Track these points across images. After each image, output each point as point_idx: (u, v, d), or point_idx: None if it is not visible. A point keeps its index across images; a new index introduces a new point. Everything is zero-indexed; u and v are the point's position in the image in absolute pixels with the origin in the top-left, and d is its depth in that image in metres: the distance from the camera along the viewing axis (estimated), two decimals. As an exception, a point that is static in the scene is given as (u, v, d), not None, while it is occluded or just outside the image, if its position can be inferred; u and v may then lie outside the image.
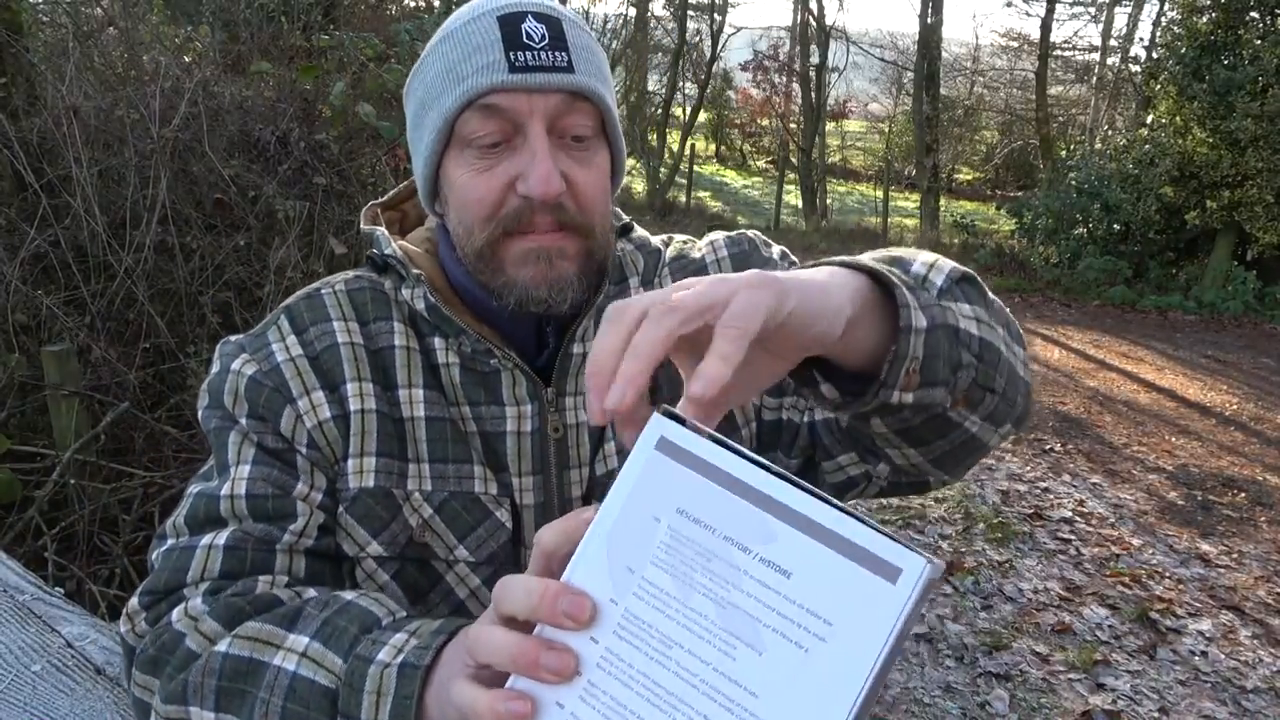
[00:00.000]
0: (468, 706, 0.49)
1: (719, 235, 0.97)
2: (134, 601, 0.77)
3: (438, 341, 0.86)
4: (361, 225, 0.93)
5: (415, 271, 0.84)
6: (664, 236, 1.01)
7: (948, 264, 0.74)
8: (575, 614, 0.45)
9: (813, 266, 0.63)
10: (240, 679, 0.68)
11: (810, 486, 0.43)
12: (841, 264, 0.62)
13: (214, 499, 0.79)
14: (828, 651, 0.40)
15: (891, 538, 0.40)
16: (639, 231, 0.98)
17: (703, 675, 0.42)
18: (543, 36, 0.76)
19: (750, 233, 0.98)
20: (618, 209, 0.96)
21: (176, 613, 0.74)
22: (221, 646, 0.70)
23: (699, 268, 0.94)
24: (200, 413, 0.86)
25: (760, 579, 0.42)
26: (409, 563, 0.83)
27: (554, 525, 0.50)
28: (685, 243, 0.99)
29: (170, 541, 0.79)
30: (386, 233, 0.90)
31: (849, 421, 0.76)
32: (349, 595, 0.73)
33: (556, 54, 0.76)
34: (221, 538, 0.77)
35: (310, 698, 0.65)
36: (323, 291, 0.89)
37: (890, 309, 0.62)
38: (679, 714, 0.42)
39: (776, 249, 0.97)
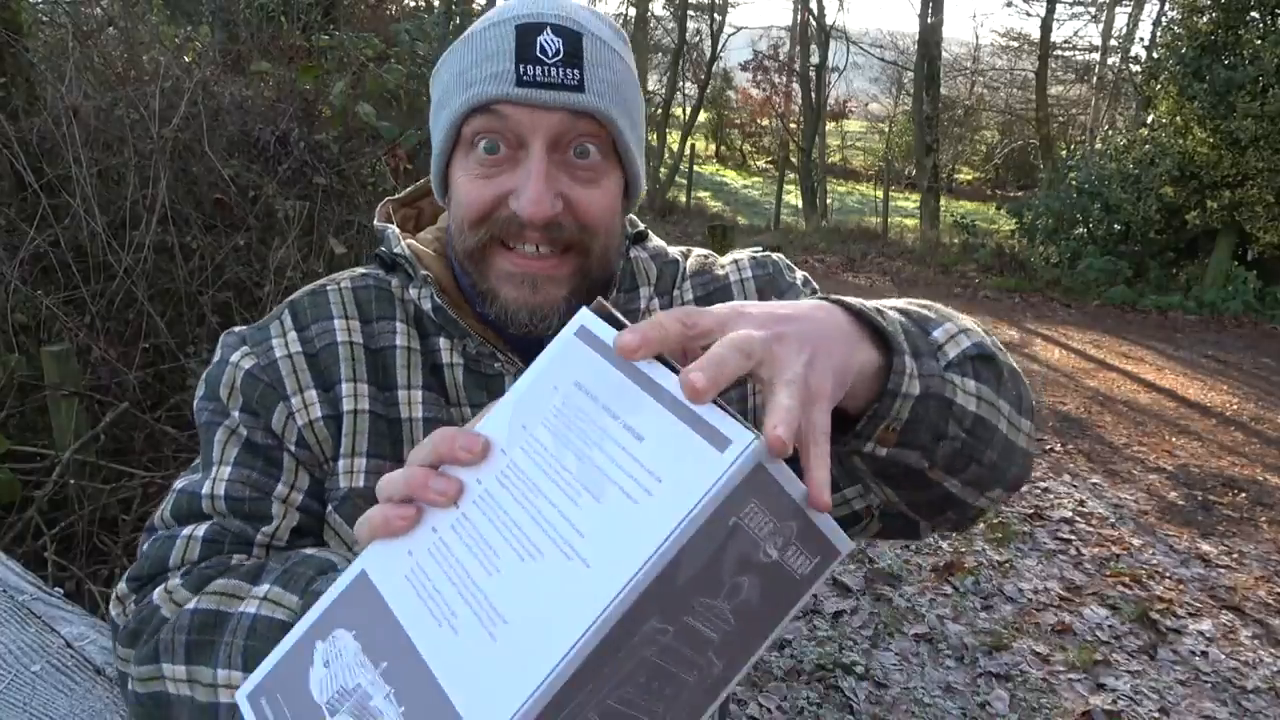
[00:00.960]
0: (361, 519, 0.54)
1: (743, 255, 0.96)
2: (122, 586, 0.81)
3: (442, 341, 0.86)
4: (375, 221, 0.93)
5: (423, 272, 0.84)
6: (682, 249, 0.99)
7: (972, 338, 0.72)
8: (469, 446, 0.52)
9: (835, 302, 0.62)
10: (208, 630, 0.72)
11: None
12: (859, 312, 0.62)
13: (196, 496, 0.82)
14: (651, 504, 0.44)
15: (735, 417, 0.45)
16: (655, 241, 0.97)
17: (548, 515, 0.47)
18: (557, 51, 0.74)
19: (775, 256, 0.97)
20: (633, 216, 0.95)
21: (158, 592, 0.77)
22: (190, 605, 0.74)
23: (722, 286, 0.93)
24: (195, 403, 0.87)
25: (619, 441, 0.47)
26: None
27: (419, 444, 0.56)
28: (706, 257, 0.98)
29: (158, 534, 0.83)
30: (397, 230, 0.90)
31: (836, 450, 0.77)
32: (311, 550, 0.76)
33: (568, 71, 0.74)
34: (201, 530, 0.80)
35: (268, 633, 0.69)
36: (328, 288, 0.89)
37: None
38: (519, 546, 0.47)
39: (799, 274, 0.96)
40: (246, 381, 0.83)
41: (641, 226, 0.95)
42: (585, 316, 0.53)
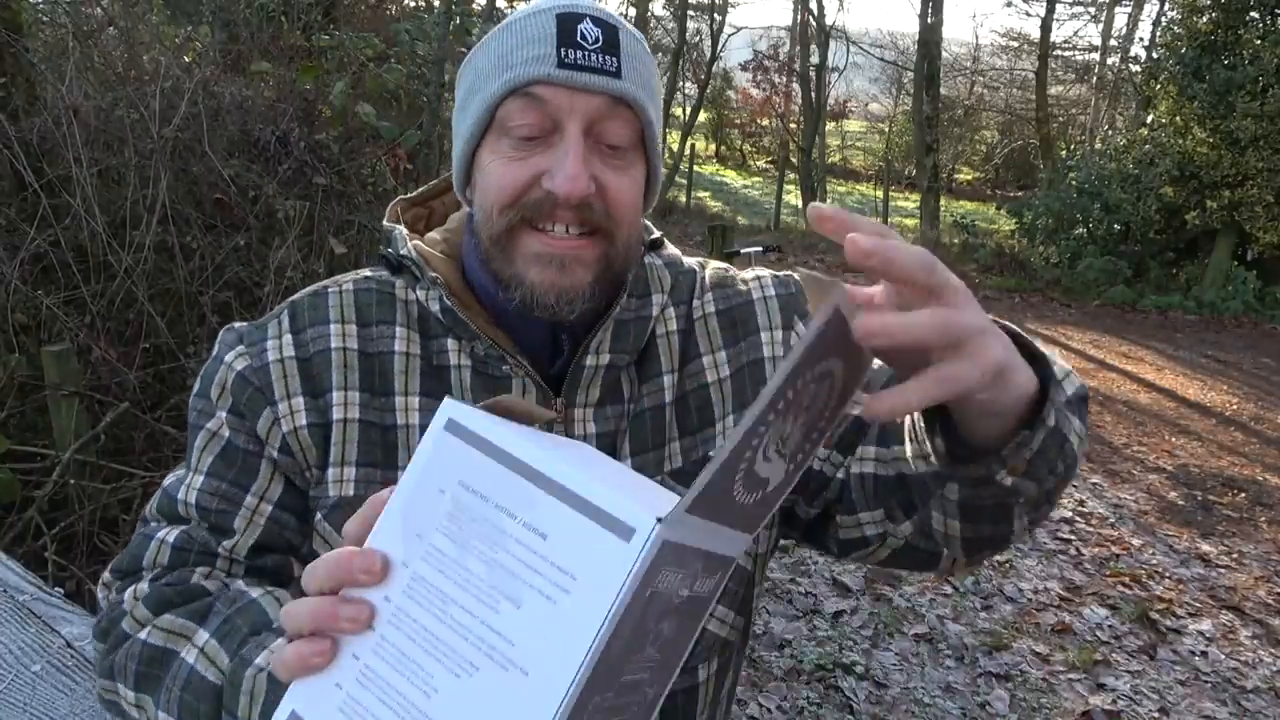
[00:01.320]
0: (276, 660, 0.53)
1: (765, 273, 0.97)
2: (107, 574, 0.86)
3: (450, 343, 0.86)
4: (385, 220, 0.93)
5: (431, 274, 0.85)
6: (698, 260, 1.00)
7: (1077, 379, 0.75)
8: (368, 568, 0.50)
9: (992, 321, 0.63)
10: (155, 665, 0.75)
11: (570, 449, 0.47)
12: (1015, 334, 0.63)
13: (174, 499, 0.85)
14: (570, 602, 0.44)
15: (626, 489, 0.45)
16: (671, 249, 0.97)
17: (471, 627, 0.47)
18: (596, 39, 0.77)
19: (800, 274, 0.96)
20: (648, 222, 0.95)
21: (129, 592, 0.81)
22: (143, 635, 0.77)
23: (745, 302, 0.94)
24: (189, 398, 0.89)
25: (522, 541, 0.46)
26: None
27: (355, 515, 0.55)
28: (725, 270, 0.98)
29: (147, 526, 0.86)
30: (405, 231, 0.89)
31: (922, 474, 0.75)
32: (255, 593, 0.78)
33: (607, 58, 0.77)
34: (172, 536, 0.83)
35: (201, 692, 0.72)
36: (329, 290, 0.89)
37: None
38: (451, 662, 0.47)
39: None
40: (237, 383, 0.84)
41: (657, 234, 0.95)
42: (451, 408, 0.52)
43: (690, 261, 0.98)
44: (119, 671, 0.77)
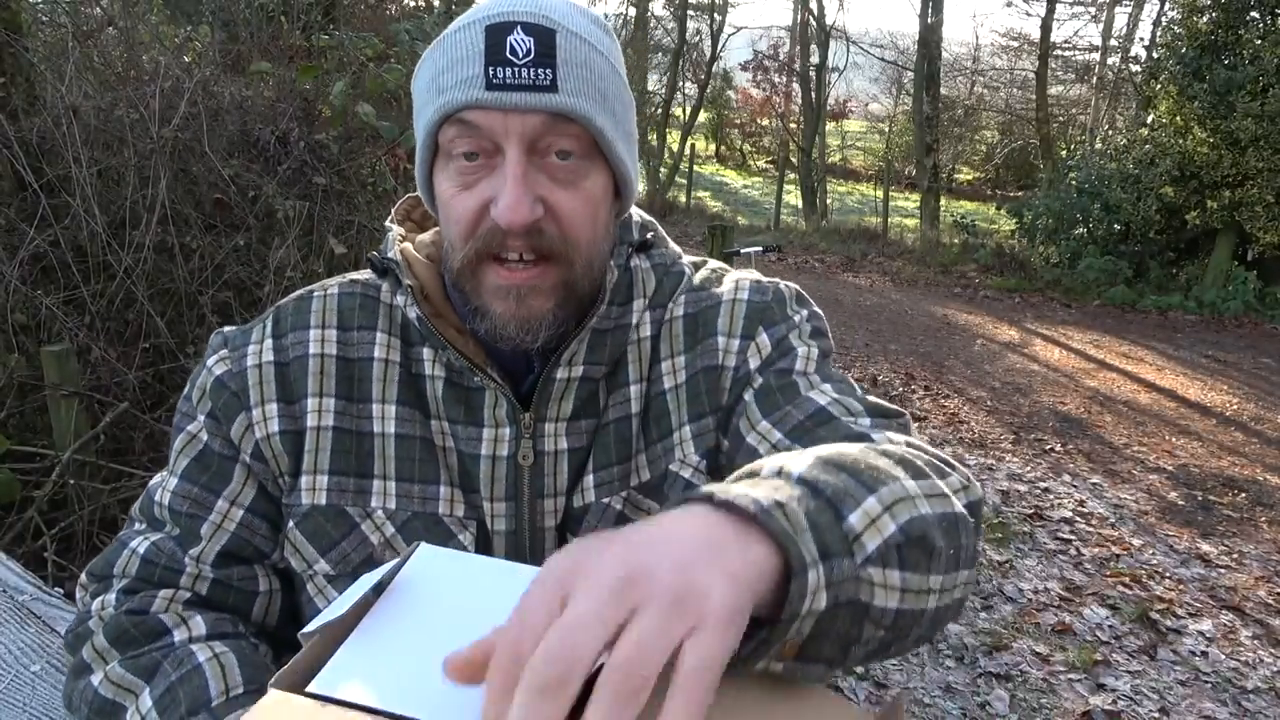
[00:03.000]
0: None
1: (747, 276, 0.92)
2: (84, 575, 0.88)
3: (426, 352, 0.85)
4: (387, 221, 0.92)
5: (407, 282, 0.83)
6: (698, 259, 0.96)
7: (901, 517, 0.55)
8: None
9: (721, 503, 0.47)
10: (103, 715, 0.79)
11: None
12: (752, 515, 0.47)
13: (152, 501, 0.87)
14: None
15: None
16: (664, 249, 0.92)
17: None
18: (528, 51, 0.71)
19: (785, 286, 0.92)
20: (647, 218, 0.92)
21: (97, 603, 0.84)
22: (95, 681, 0.80)
23: (713, 305, 0.88)
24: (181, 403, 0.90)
25: None
26: None
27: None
28: (717, 271, 0.93)
29: (131, 527, 0.88)
30: (399, 232, 0.89)
31: None
32: (202, 657, 0.78)
33: (540, 71, 0.71)
34: (143, 547, 0.85)
35: None
36: (314, 294, 0.89)
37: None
38: None
39: (805, 312, 0.90)
40: (215, 388, 0.85)
41: (651, 234, 0.91)
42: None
43: (686, 261, 0.94)
44: (75, 706, 0.81)
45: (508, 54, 0.71)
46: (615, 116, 0.77)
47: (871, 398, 0.83)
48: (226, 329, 0.90)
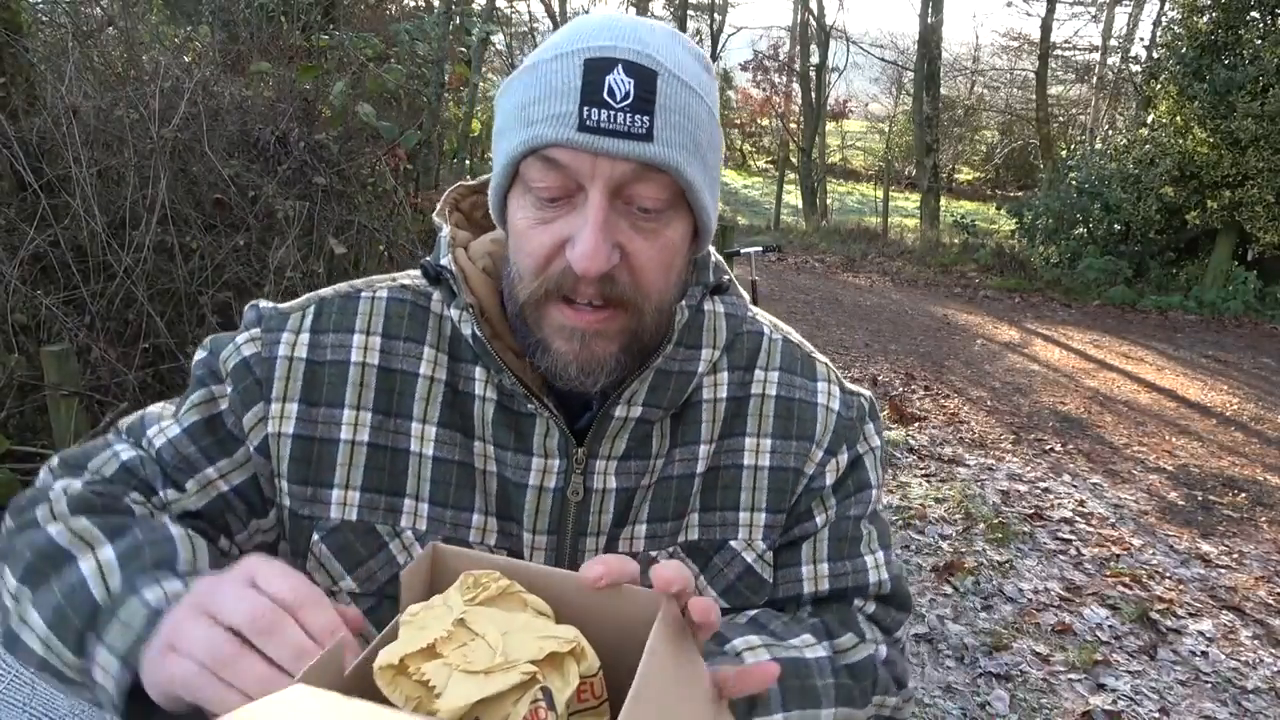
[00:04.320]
0: (180, 662, 0.57)
1: (837, 384, 0.92)
2: (55, 459, 0.83)
3: (479, 372, 0.81)
4: (436, 210, 0.88)
5: (468, 300, 0.79)
6: (773, 320, 0.94)
7: (851, 652, 0.79)
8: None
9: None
10: (48, 562, 0.70)
11: None
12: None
13: (144, 430, 0.83)
14: None
15: None
16: (735, 296, 0.89)
17: None
18: (626, 94, 0.68)
19: (865, 400, 0.93)
20: (718, 259, 0.89)
21: (61, 484, 0.78)
22: (51, 530, 0.72)
23: (809, 402, 0.89)
24: (197, 352, 0.87)
25: None
26: (388, 600, 0.81)
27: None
28: (796, 346, 0.91)
29: (115, 436, 0.85)
30: (450, 236, 0.84)
31: None
32: (175, 530, 0.74)
33: (637, 117, 0.68)
34: (126, 455, 0.81)
35: (80, 605, 0.67)
36: (363, 294, 0.85)
37: None
38: None
39: (879, 439, 0.93)
40: (239, 369, 0.82)
41: (726, 277, 0.88)
42: None
43: (763, 319, 0.92)
44: (11, 555, 0.73)
45: (605, 95, 0.68)
46: (705, 164, 0.74)
47: (897, 572, 0.91)
48: (263, 303, 0.86)
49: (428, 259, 0.84)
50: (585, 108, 0.67)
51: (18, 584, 0.71)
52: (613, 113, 0.67)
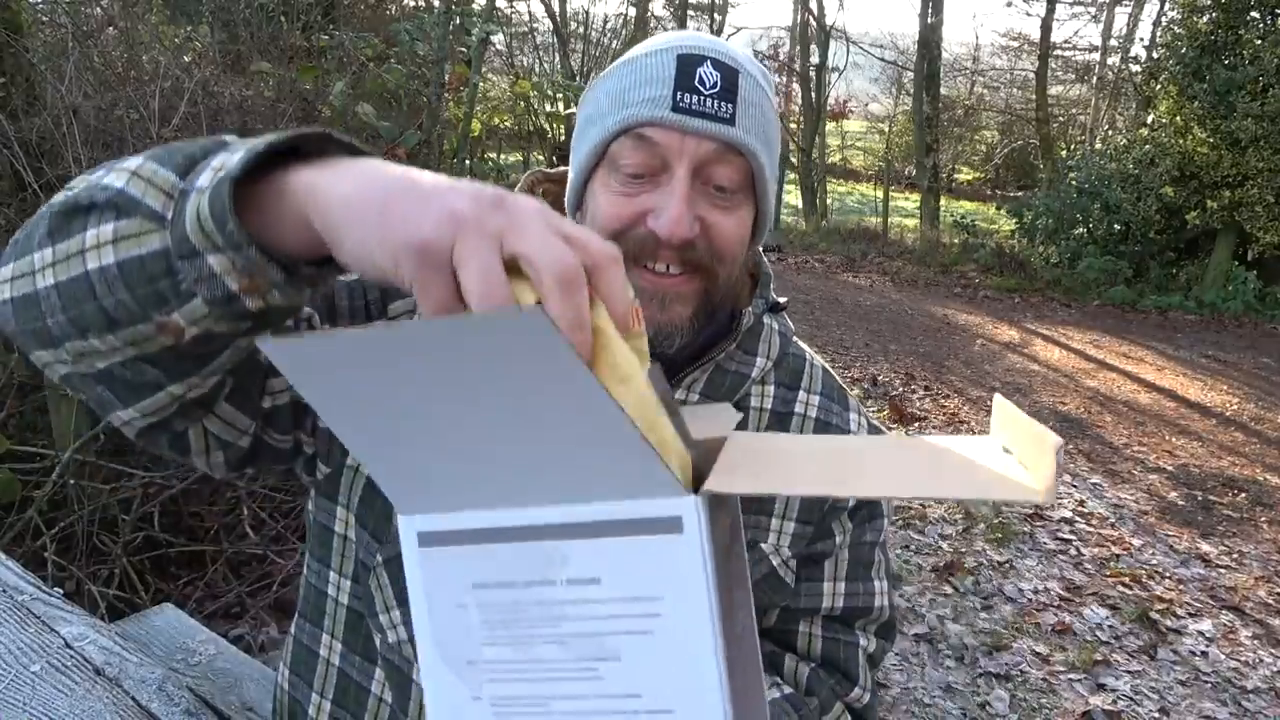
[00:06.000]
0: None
1: (861, 407, 0.98)
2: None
3: None
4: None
5: None
6: (810, 348, 1.00)
7: None
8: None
9: None
10: (117, 205, 0.55)
11: (560, 486, 0.41)
12: None
13: None
14: (667, 623, 0.40)
15: (656, 493, 0.40)
16: (789, 322, 0.98)
17: (587, 707, 0.42)
18: (714, 84, 0.77)
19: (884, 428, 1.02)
20: (767, 270, 0.95)
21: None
22: (120, 181, 0.56)
23: (843, 426, 0.95)
24: None
25: (578, 599, 0.42)
26: None
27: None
28: (831, 376, 0.98)
29: None
30: None
31: None
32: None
33: (723, 104, 0.77)
34: None
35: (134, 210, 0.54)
36: None
37: None
38: None
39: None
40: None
41: (784, 300, 0.97)
42: (412, 523, 0.45)
43: (804, 347, 0.99)
44: (82, 191, 0.57)
45: (696, 83, 0.76)
46: (772, 157, 0.83)
47: (895, 603, 0.99)
48: None
49: None
50: (679, 92, 0.76)
51: (52, 248, 0.57)
52: (702, 98, 0.76)
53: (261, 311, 0.54)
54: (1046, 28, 17.09)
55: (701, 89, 0.76)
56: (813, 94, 17.61)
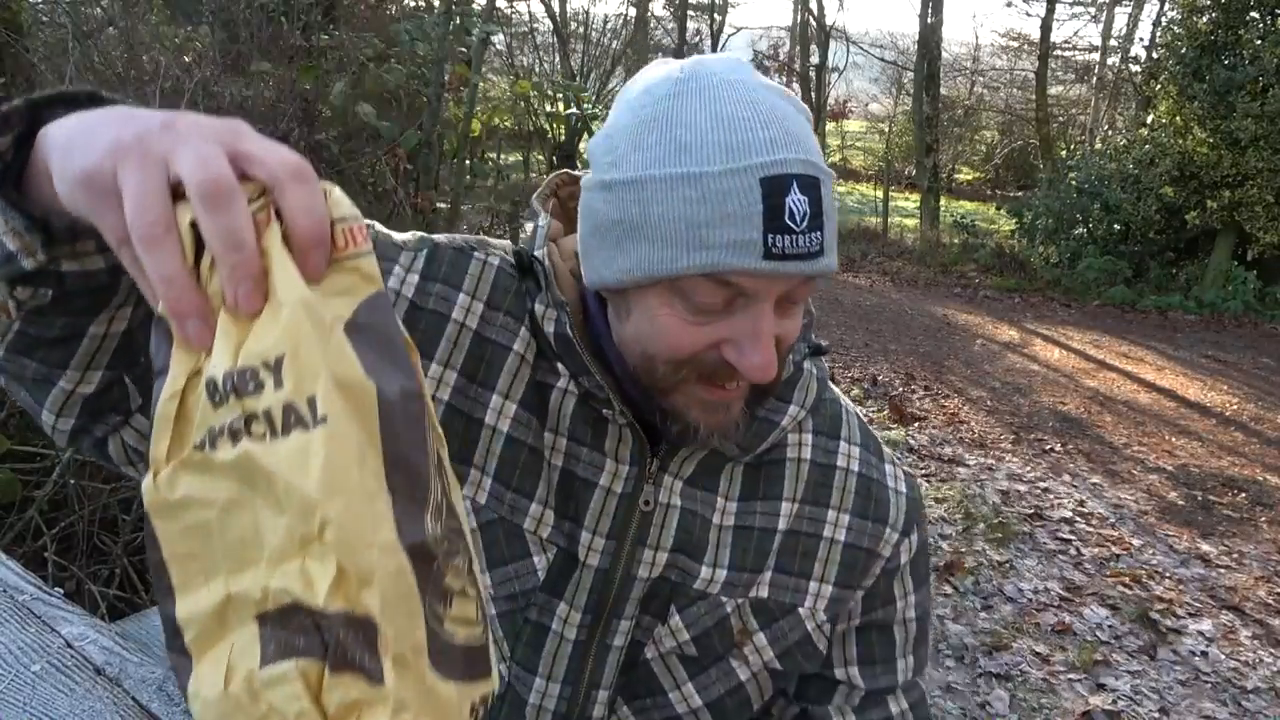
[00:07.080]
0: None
1: (901, 464, 0.96)
2: None
3: (560, 366, 0.81)
4: (536, 195, 0.86)
5: (561, 298, 0.78)
6: (850, 399, 0.96)
7: None
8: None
9: None
10: None
11: None
12: None
13: None
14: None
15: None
16: (826, 364, 0.92)
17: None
18: (804, 215, 0.67)
19: (919, 493, 0.99)
20: (810, 310, 0.89)
21: None
22: None
23: (882, 483, 0.92)
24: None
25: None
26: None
27: None
28: (866, 426, 0.94)
29: None
30: (546, 226, 0.82)
31: None
32: None
33: (814, 235, 0.67)
34: None
35: None
36: (475, 255, 0.83)
37: None
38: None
39: (927, 533, 1.00)
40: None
41: (825, 342, 0.92)
42: None
43: (839, 393, 0.95)
44: None
45: (787, 219, 0.66)
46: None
47: (915, 685, 0.99)
48: (378, 225, 0.82)
49: (522, 248, 0.83)
50: (770, 234, 0.66)
51: None
52: (794, 237, 0.67)
53: (44, 272, 0.53)
54: (1046, 28, 17.09)
55: (793, 225, 0.66)
56: (812, 94, 17.61)
